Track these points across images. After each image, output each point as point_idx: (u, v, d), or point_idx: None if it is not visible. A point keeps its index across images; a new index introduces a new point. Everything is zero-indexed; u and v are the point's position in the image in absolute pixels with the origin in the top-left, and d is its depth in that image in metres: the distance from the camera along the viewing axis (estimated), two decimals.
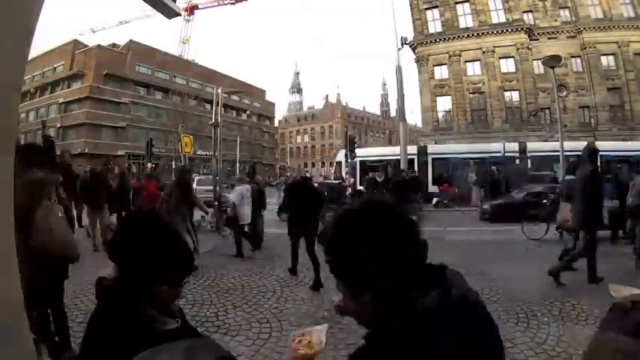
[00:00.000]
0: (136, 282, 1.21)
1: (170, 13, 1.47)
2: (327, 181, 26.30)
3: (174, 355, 0.95)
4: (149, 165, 19.29)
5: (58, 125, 46.00)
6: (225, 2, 61.40)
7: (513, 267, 7.03)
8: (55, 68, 48.97)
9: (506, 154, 21.07)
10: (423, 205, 15.93)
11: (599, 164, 6.34)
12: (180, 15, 1.33)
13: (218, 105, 15.25)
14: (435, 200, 19.40)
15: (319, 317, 4.65)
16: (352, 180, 22.30)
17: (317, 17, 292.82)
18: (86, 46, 48.65)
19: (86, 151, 41.91)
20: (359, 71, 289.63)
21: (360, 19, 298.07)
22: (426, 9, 37.43)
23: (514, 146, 22.26)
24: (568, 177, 7.31)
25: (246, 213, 8.69)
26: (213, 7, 62.86)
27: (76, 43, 48.72)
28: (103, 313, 1.26)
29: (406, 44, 18.97)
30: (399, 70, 18.23)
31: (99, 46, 48.41)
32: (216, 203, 12.70)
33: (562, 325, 4.27)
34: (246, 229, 9.01)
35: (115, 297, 1.24)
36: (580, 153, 6.31)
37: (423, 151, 23.23)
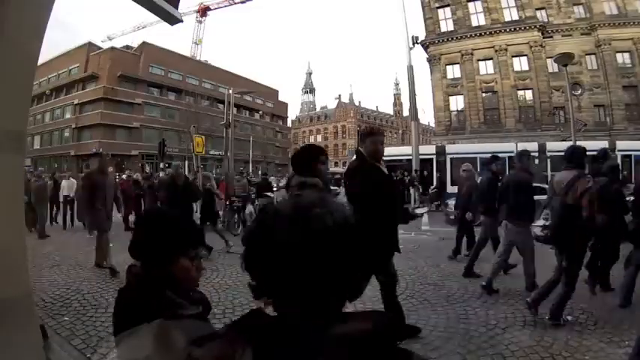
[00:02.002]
0: (157, 261, 1.37)
1: (172, 19, 1.53)
2: None
3: (148, 334, 1.05)
4: (161, 165, 19.60)
5: (73, 126, 46.78)
6: (236, 1, 61.69)
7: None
8: (70, 70, 49.70)
9: None
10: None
11: None
12: (181, 21, 1.38)
13: (230, 105, 15.41)
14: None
15: None
16: None
17: (329, 17, 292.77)
18: (100, 48, 49.41)
19: (100, 151, 42.53)
20: (372, 71, 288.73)
21: (371, 19, 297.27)
22: (438, 7, 37.23)
23: (533, 146, 21.64)
24: None
25: None
26: (224, 7, 63.21)
27: (90, 46, 49.46)
28: (129, 296, 1.38)
29: (417, 43, 18.94)
30: (410, 70, 18.19)
31: (112, 48, 49.15)
32: (227, 203, 12.86)
33: (570, 330, 4.21)
34: None
35: (141, 283, 1.37)
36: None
37: (441, 151, 22.82)
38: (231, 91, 15.12)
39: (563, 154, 4.79)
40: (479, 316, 4.65)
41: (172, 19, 1.40)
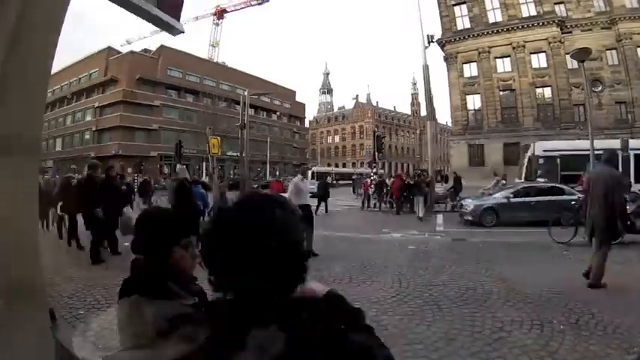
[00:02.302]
0: (154, 253, 1.51)
1: (174, 31, 1.59)
2: None
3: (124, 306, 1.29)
4: (178, 166, 19.84)
5: (94, 128, 47.69)
6: (253, 3, 62.17)
7: (534, 270, 6.94)
8: (91, 75, 50.70)
9: None
10: None
11: None
12: (183, 32, 1.45)
13: (245, 106, 15.55)
14: None
15: None
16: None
17: (346, 17, 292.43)
18: (119, 52, 50.29)
19: (120, 152, 43.30)
20: (389, 71, 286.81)
21: (388, 18, 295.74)
22: (454, 5, 37.03)
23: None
24: None
25: None
26: (240, 9, 63.75)
27: (109, 50, 50.35)
28: (132, 285, 1.50)
29: (433, 42, 18.77)
30: (425, 69, 18.07)
31: (132, 52, 49.96)
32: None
33: (577, 335, 4.13)
34: None
35: (143, 273, 1.50)
36: None
37: (625, 146, 21.32)
38: (246, 93, 15.24)
39: None
40: (485, 318, 4.63)
41: (174, 30, 1.46)
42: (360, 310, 0.88)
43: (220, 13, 63.83)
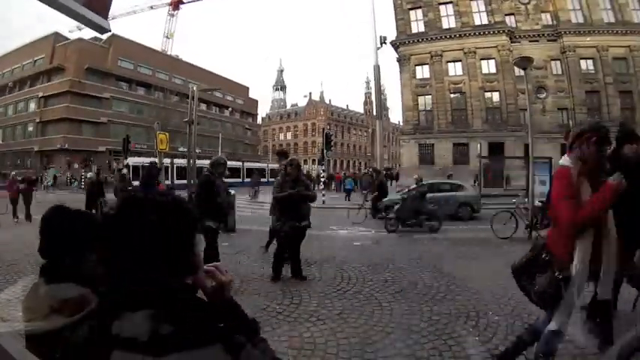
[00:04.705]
0: None
1: (102, 30, 1.47)
2: None
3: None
4: (125, 162, 19.25)
5: (37, 120, 45.22)
6: None
7: (476, 265, 7.08)
8: (35, 61, 47.92)
9: None
10: None
11: None
12: (109, 31, 1.35)
13: (194, 101, 15.15)
14: None
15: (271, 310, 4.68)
16: None
17: (302, 14, 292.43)
18: (67, 39, 47.61)
19: (66, 146, 41.26)
20: (344, 69, 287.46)
21: (344, 18, 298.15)
22: (410, 9, 37.76)
23: None
24: None
25: None
26: (197, 0, 62.63)
27: (56, 36, 47.63)
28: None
29: (385, 43, 19.09)
30: (377, 69, 18.35)
31: (80, 39, 47.50)
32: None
33: (511, 325, 4.22)
34: None
35: None
36: None
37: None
38: (195, 88, 14.82)
39: None
40: (422, 312, 4.66)
41: (102, 30, 1.36)
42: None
43: (176, 4, 62.18)
